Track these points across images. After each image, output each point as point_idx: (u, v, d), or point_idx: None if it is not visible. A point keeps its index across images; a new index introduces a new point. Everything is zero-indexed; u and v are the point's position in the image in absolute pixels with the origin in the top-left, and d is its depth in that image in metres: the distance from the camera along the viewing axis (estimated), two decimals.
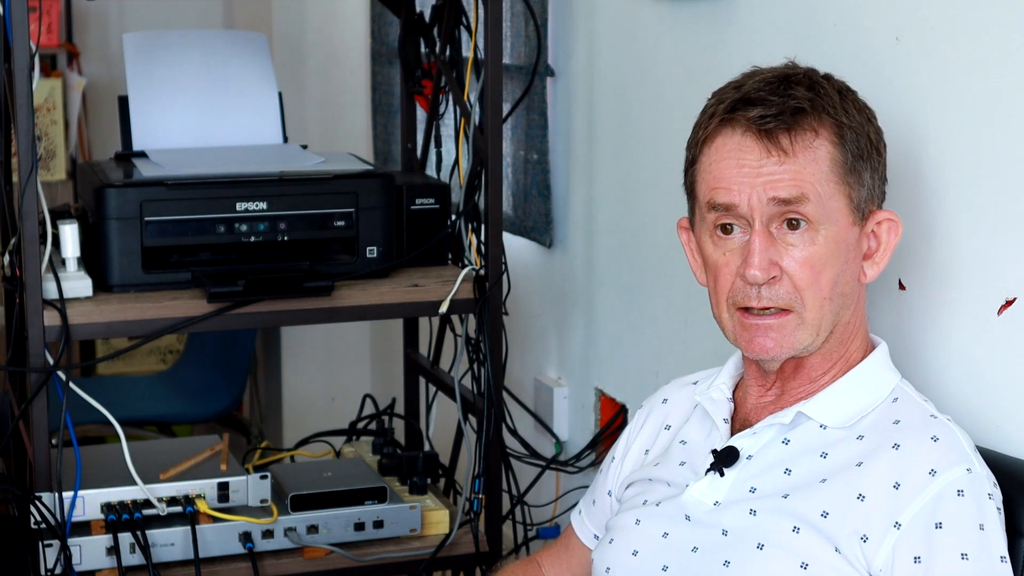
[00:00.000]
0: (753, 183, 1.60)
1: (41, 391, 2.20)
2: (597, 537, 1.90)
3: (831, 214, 1.60)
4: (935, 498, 1.51)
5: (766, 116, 1.60)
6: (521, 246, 3.00)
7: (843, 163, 1.61)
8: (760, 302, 1.61)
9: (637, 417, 1.90)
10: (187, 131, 2.59)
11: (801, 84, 1.63)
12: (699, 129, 1.68)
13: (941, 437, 1.57)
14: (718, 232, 1.64)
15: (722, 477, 1.66)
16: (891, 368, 1.68)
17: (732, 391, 1.76)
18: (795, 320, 1.61)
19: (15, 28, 2.13)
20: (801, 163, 1.59)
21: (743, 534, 1.61)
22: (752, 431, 1.67)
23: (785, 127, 1.60)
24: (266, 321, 2.36)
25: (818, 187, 1.59)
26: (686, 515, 1.67)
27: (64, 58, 4.71)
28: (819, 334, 1.62)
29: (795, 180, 1.59)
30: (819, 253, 1.60)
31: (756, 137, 1.60)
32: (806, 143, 1.60)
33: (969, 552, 1.49)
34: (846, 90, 1.66)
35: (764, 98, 1.61)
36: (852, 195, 1.61)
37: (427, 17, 2.78)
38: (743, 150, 1.61)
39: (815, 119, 1.61)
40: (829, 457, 1.61)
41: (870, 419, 1.63)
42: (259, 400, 4.60)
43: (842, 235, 1.61)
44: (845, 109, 1.63)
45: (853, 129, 1.62)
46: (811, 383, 1.67)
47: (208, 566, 2.29)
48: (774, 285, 1.60)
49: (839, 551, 1.54)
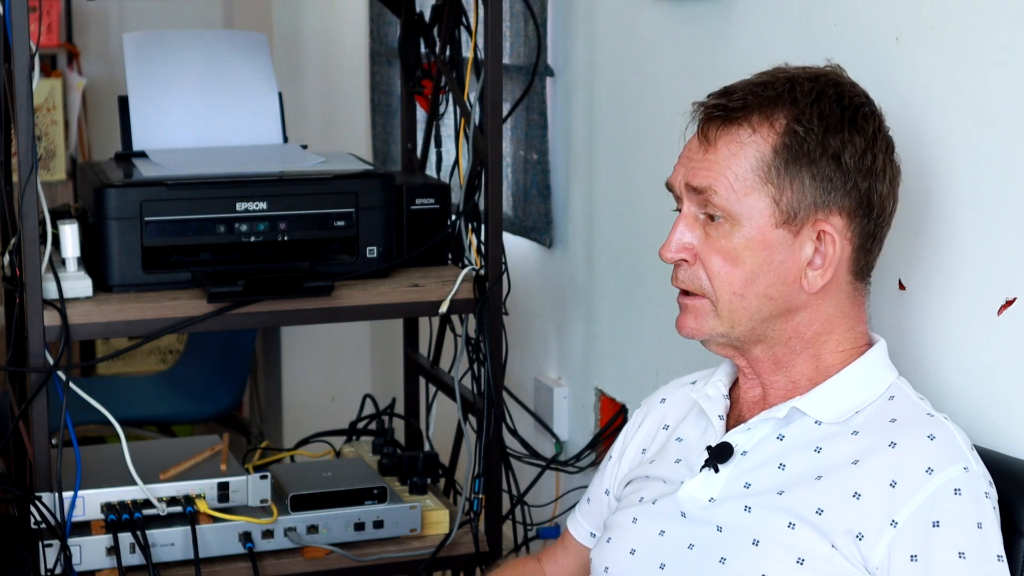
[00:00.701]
0: (684, 168, 1.66)
1: (41, 391, 2.20)
2: (594, 535, 1.90)
3: (749, 211, 1.61)
4: (932, 496, 1.51)
5: (717, 106, 1.64)
6: (521, 246, 3.00)
7: (770, 164, 1.60)
8: (677, 282, 1.68)
9: (635, 416, 1.90)
10: (187, 131, 2.59)
11: (778, 82, 1.64)
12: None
13: (938, 435, 1.56)
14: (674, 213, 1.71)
15: (717, 473, 1.66)
16: (888, 366, 1.68)
17: (728, 388, 1.76)
18: (709, 306, 1.65)
19: (15, 28, 2.13)
20: (721, 156, 1.62)
21: (738, 530, 1.61)
22: (746, 426, 1.67)
23: (721, 119, 1.63)
24: (266, 321, 2.36)
25: (732, 182, 1.61)
26: (681, 512, 1.67)
27: (64, 58, 4.71)
28: (734, 327, 1.65)
29: (709, 172, 1.62)
30: (732, 247, 1.62)
31: (700, 125, 1.66)
32: (734, 138, 1.62)
33: (966, 551, 1.49)
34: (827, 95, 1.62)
35: (733, 90, 1.65)
36: (776, 198, 1.61)
37: (427, 17, 2.78)
38: (691, 135, 1.68)
39: (761, 117, 1.61)
40: (823, 452, 1.61)
41: (865, 415, 1.62)
42: (259, 400, 4.61)
43: (760, 235, 1.62)
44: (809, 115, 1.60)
45: (805, 136, 1.60)
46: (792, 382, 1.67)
47: (208, 566, 2.29)
48: (688, 268, 1.66)
49: (835, 547, 1.54)
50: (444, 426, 2.85)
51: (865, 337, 1.70)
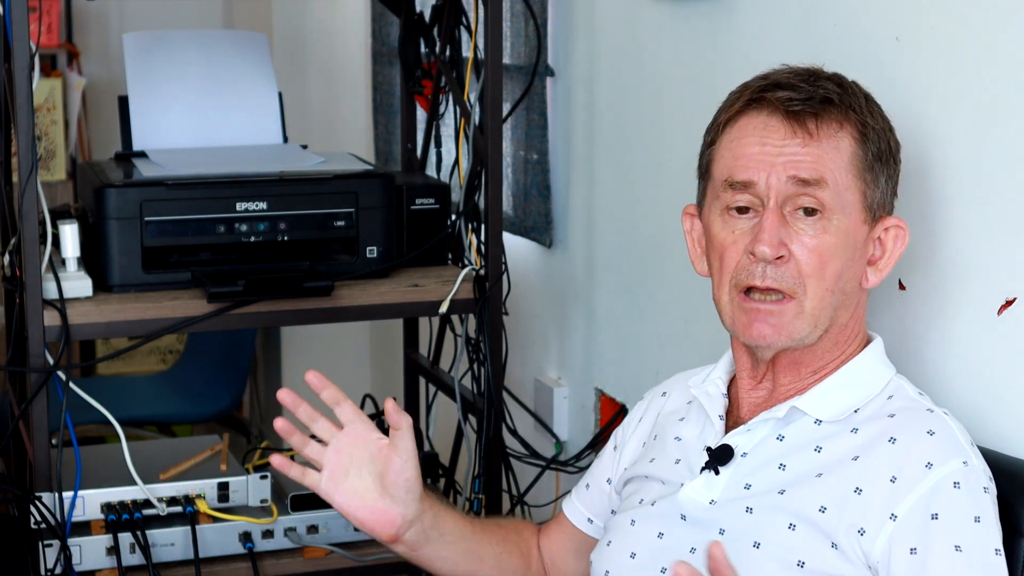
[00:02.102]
0: (774, 162, 1.60)
1: (41, 391, 2.20)
2: (591, 521, 1.89)
3: (845, 206, 1.60)
4: (931, 490, 1.52)
5: (795, 99, 1.61)
6: (521, 246, 3.00)
7: (863, 159, 1.62)
8: (764, 281, 1.60)
9: (637, 409, 1.90)
10: (187, 131, 2.59)
11: (831, 80, 1.65)
12: (722, 112, 1.69)
13: (937, 431, 1.56)
14: (731, 212, 1.64)
15: (717, 475, 1.66)
16: (886, 363, 1.68)
17: (727, 386, 1.75)
18: (795, 308, 1.60)
19: (15, 28, 2.13)
20: (824, 148, 1.60)
21: (740, 533, 1.60)
22: (746, 427, 1.67)
23: (813, 112, 1.61)
24: (266, 321, 2.36)
25: (837, 175, 1.60)
26: (682, 515, 1.67)
27: (64, 58, 4.72)
28: (817, 326, 1.62)
29: (816, 163, 1.59)
30: (829, 242, 1.60)
31: (783, 118, 1.61)
32: (831, 131, 1.61)
33: (963, 544, 1.49)
34: (871, 98, 1.68)
35: (794, 84, 1.63)
36: (867, 193, 1.62)
37: (427, 17, 2.78)
38: (768, 129, 1.62)
39: (841, 112, 1.62)
40: (824, 451, 1.61)
41: (864, 413, 1.62)
42: (259, 400, 4.61)
43: (853, 230, 1.61)
44: (870, 111, 1.64)
45: (875, 131, 1.63)
46: (800, 380, 1.67)
47: (208, 566, 2.29)
48: (780, 266, 1.60)
49: (836, 546, 1.54)
50: (444, 426, 2.85)
51: (866, 334, 1.70)
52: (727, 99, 1.69)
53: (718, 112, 1.70)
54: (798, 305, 1.60)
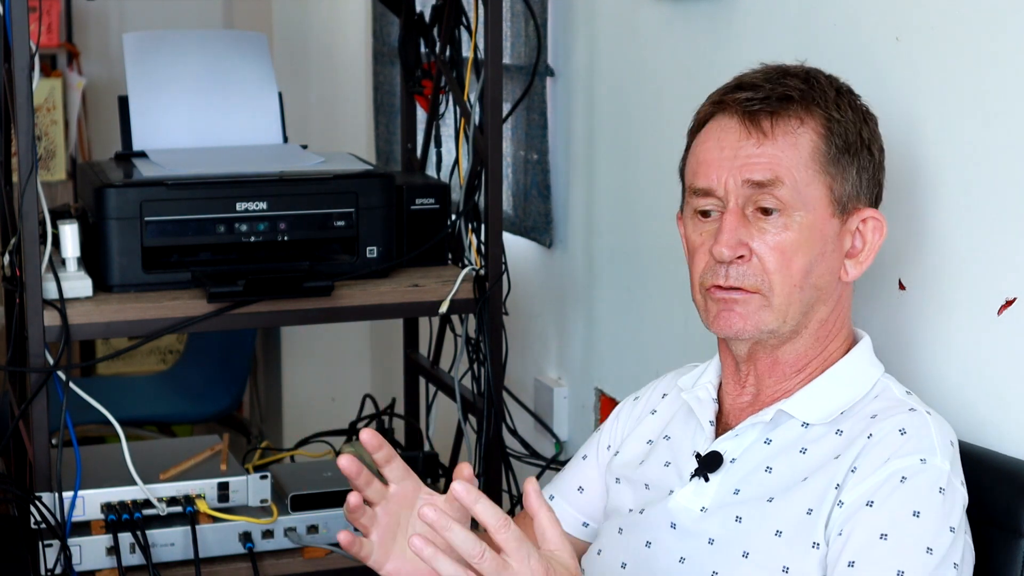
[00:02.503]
0: (731, 166, 1.61)
1: (41, 391, 2.20)
2: (586, 525, 1.87)
3: (807, 201, 1.60)
4: (878, 482, 1.52)
5: (753, 99, 1.62)
6: (521, 246, 3.00)
7: (825, 153, 1.61)
8: (727, 280, 1.62)
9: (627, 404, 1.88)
10: (187, 131, 2.59)
11: (797, 76, 1.65)
12: (695, 116, 1.70)
13: (910, 429, 1.56)
14: (698, 216, 1.66)
15: (707, 483, 1.66)
16: (874, 362, 1.68)
17: (716, 391, 1.75)
18: (760, 301, 1.61)
19: (15, 28, 2.13)
20: (780, 147, 1.60)
21: (729, 543, 1.60)
22: (734, 433, 1.66)
23: (769, 111, 1.61)
24: (266, 321, 2.36)
25: (795, 172, 1.60)
26: (672, 523, 1.66)
27: (64, 58, 4.72)
28: (786, 321, 1.62)
29: (771, 163, 1.60)
30: (791, 239, 1.60)
31: (740, 120, 1.62)
32: (788, 129, 1.61)
33: (889, 533, 1.49)
34: (845, 90, 1.67)
35: (756, 84, 1.64)
36: (833, 187, 1.62)
37: (427, 17, 2.78)
38: (726, 132, 1.63)
39: (802, 108, 1.62)
40: (809, 453, 1.61)
41: (849, 414, 1.62)
42: (259, 400, 4.61)
43: (817, 224, 1.61)
44: (838, 105, 1.64)
45: (842, 123, 1.63)
46: (785, 380, 1.67)
47: (208, 566, 2.29)
48: (742, 265, 1.61)
49: (817, 545, 1.54)
50: (444, 426, 2.85)
51: (853, 337, 1.70)
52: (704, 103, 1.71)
53: (693, 116, 1.72)
54: (763, 299, 1.61)
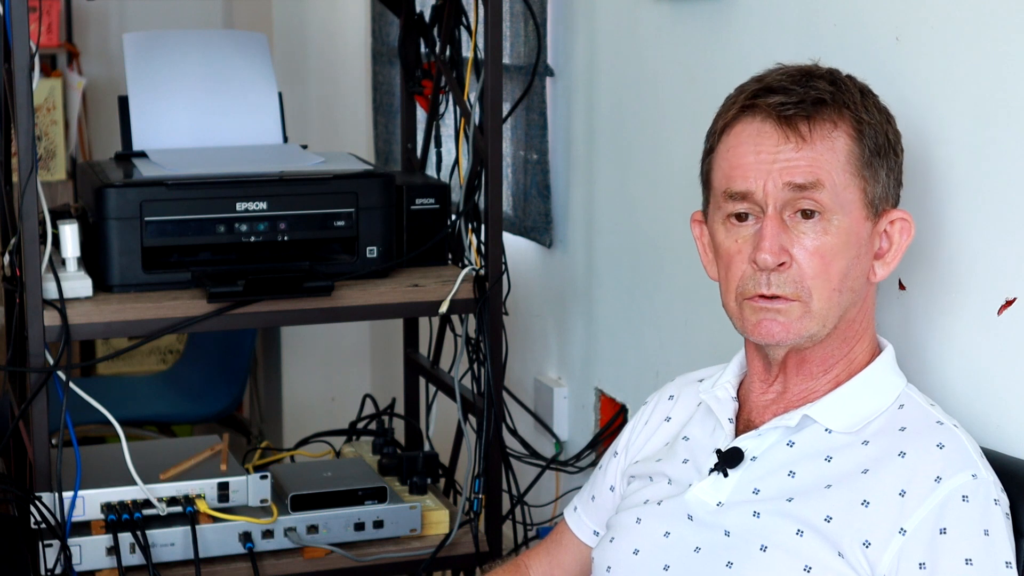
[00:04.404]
0: (769, 169, 1.61)
1: (41, 391, 2.20)
2: (597, 534, 1.89)
3: (845, 204, 1.60)
4: (940, 504, 1.51)
5: (787, 103, 1.61)
6: (521, 246, 3.00)
7: (860, 156, 1.62)
8: (769, 289, 1.61)
9: (641, 412, 1.89)
10: (187, 131, 2.59)
11: (823, 78, 1.65)
12: (719, 119, 1.69)
13: (947, 444, 1.56)
14: (732, 220, 1.64)
15: (726, 478, 1.66)
16: (897, 372, 1.68)
17: (736, 390, 1.75)
18: (801, 308, 1.61)
19: (15, 28, 2.13)
20: (819, 150, 1.60)
21: (746, 535, 1.60)
22: (757, 432, 1.66)
23: (805, 115, 1.61)
24: (266, 321, 2.36)
25: (834, 176, 1.60)
26: (688, 515, 1.67)
27: (64, 58, 4.71)
28: (825, 325, 1.62)
29: (811, 166, 1.59)
30: (830, 243, 1.60)
31: (775, 123, 1.61)
32: (825, 132, 1.61)
33: (973, 557, 1.48)
34: (867, 90, 1.67)
35: (786, 87, 1.63)
36: (867, 189, 1.62)
37: (427, 17, 2.78)
38: (761, 136, 1.62)
39: (835, 111, 1.62)
40: (834, 461, 1.60)
41: (876, 425, 1.62)
42: (259, 400, 4.60)
43: (854, 227, 1.61)
44: (865, 106, 1.64)
45: (872, 126, 1.63)
46: (813, 380, 1.67)
47: (208, 566, 2.29)
48: (783, 272, 1.60)
49: (842, 556, 1.53)
50: (444, 426, 2.85)
51: (878, 344, 1.70)
52: (723, 104, 1.70)
53: (715, 118, 1.70)
54: (804, 306, 1.61)
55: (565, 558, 1.93)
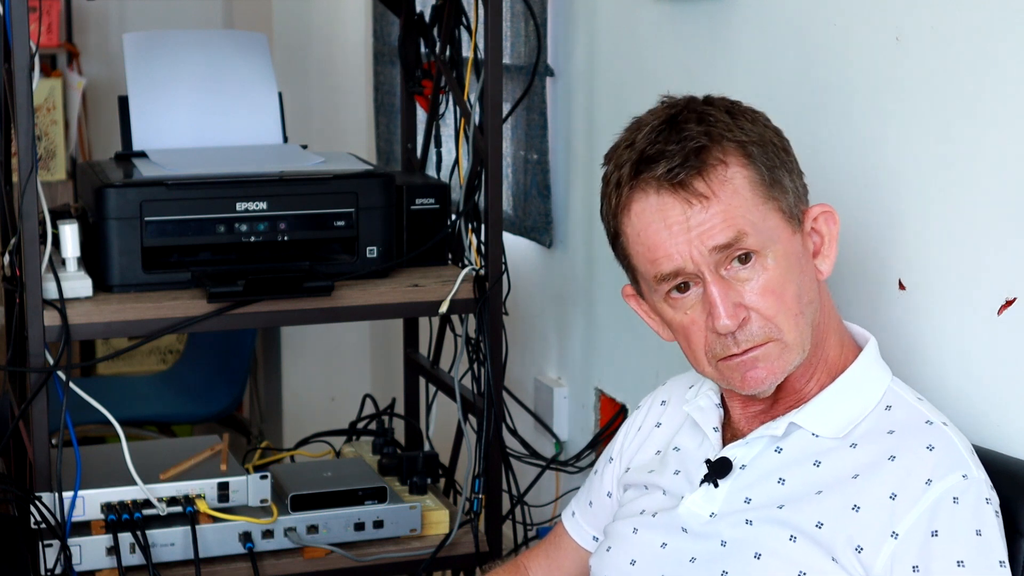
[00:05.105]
0: (688, 239, 1.57)
1: (41, 391, 2.20)
2: (596, 539, 1.89)
3: (771, 235, 1.58)
4: (931, 507, 1.51)
5: (673, 168, 1.56)
6: (521, 246, 3.00)
7: (761, 181, 1.59)
8: (739, 347, 1.59)
9: (635, 417, 1.89)
10: (187, 131, 2.59)
11: (690, 121, 1.60)
12: (610, 199, 1.64)
13: (937, 445, 1.56)
14: (672, 295, 1.62)
15: (716, 488, 1.66)
16: (882, 366, 1.67)
17: (720, 396, 1.75)
18: (778, 347, 1.59)
19: (15, 28, 2.13)
20: (725, 201, 1.56)
21: (740, 544, 1.60)
22: (744, 441, 1.66)
23: (695, 170, 1.57)
24: (266, 321, 2.36)
25: (749, 216, 1.57)
26: (683, 527, 1.67)
27: (64, 58, 4.71)
28: (804, 349, 1.61)
29: (726, 221, 1.56)
30: (774, 277, 1.58)
31: (671, 192, 1.57)
32: (720, 178, 1.57)
33: (966, 559, 1.48)
34: (734, 108, 1.63)
35: (661, 150, 1.58)
36: (782, 207, 1.60)
37: (427, 17, 2.78)
38: (664, 209, 1.58)
39: (718, 150, 1.58)
40: (823, 466, 1.60)
41: (863, 427, 1.61)
42: (259, 400, 4.60)
43: (788, 248, 1.60)
44: (740, 127, 1.60)
45: (756, 144, 1.60)
46: (798, 391, 1.66)
47: (208, 566, 2.29)
48: (745, 326, 1.58)
49: (836, 560, 1.53)
50: (444, 426, 2.85)
51: (848, 333, 1.69)
52: (606, 183, 1.64)
53: (605, 198, 1.65)
54: (779, 344, 1.60)
55: (565, 562, 1.93)
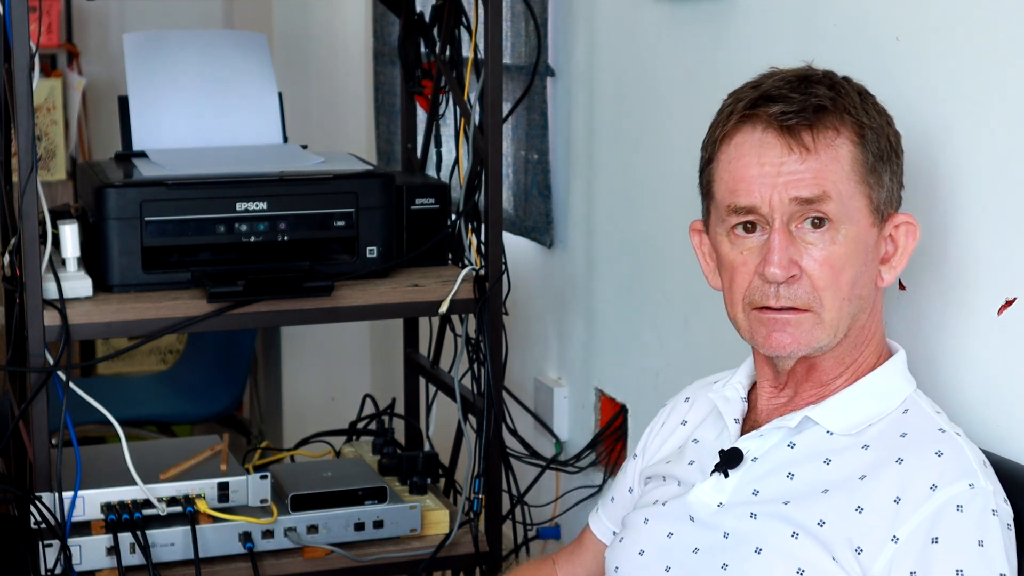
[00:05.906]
0: (774, 182, 1.58)
1: (41, 391, 2.20)
2: (616, 533, 1.89)
3: (851, 213, 1.58)
4: (934, 513, 1.50)
5: (787, 112, 1.58)
6: (521, 246, 3.00)
7: (864, 163, 1.59)
8: (779, 301, 1.59)
9: (659, 415, 1.89)
10: (187, 131, 2.59)
11: (821, 83, 1.61)
12: (716, 127, 1.65)
13: (946, 451, 1.55)
14: (737, 232, 1.62)
15: (726, 478, 1.66)
16: (906, 377, 1.66)
17: (747, 391, 1.74)
18: (813, 319, 1.59)
19: (15, 28, 2.13)
20: (823, 160, 1.57)
21: (743, 537, 1.60)
22: (759, 433, 1.66)
23: (807, 123, 1.58)
24: (266, 321, 2.36)
25: (839, 185, 1.57)
26: (690, 516, 1.67)
27: (64, 58, 4.71)
28: (836, 335, 1.60)
29: (817, 178, 1.57)
30: (839, 252, 1.58)
31: (777, 133, 1.58)
32: (828, 141, 1.58)
33: (965, 568, 1.47)
34: (865, 92, 1.65)
35: (785, 95, 1.59)
36: (872, 196, 1.60)
37: (427, 17, 2.78)
38: (764, 147, 1.59)
39: (836, 118, 1.59)
40: (833, 464, 1.60)
41: (877, 428, 1.61)
42: (259, 400, 4.60)
43: (862, 235, 1.59)
44: (865, 110, 1.61)
45: (873, 130, 1.61)
46: (822, 387, 1.66)
47: (208, 566, 2.29)
48: (793, 284, 1.58)
49: (836, 560, 1.53)
50: (444, 426, 2.85)
51: (888, 349, 1.69)
52: (720, 112, 1.66)
53: (712, 127, 1.67)
54: (815, 316, 1.59)
55: (586, 557, 1.94)
